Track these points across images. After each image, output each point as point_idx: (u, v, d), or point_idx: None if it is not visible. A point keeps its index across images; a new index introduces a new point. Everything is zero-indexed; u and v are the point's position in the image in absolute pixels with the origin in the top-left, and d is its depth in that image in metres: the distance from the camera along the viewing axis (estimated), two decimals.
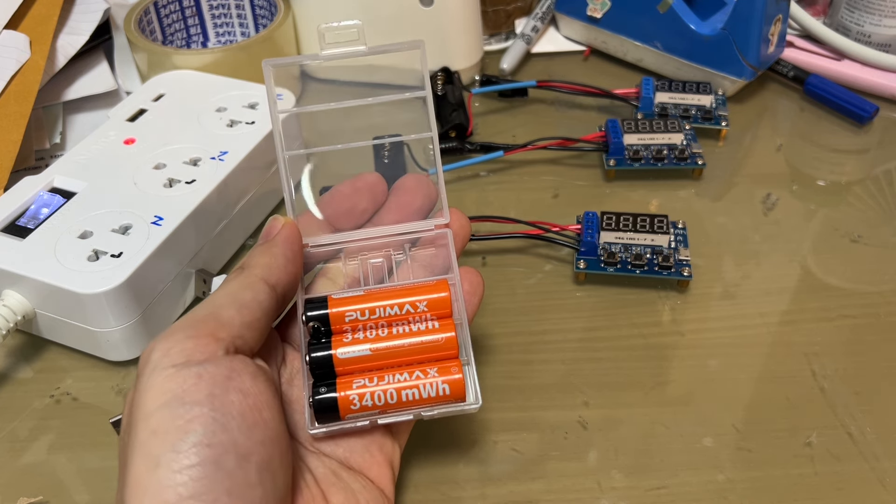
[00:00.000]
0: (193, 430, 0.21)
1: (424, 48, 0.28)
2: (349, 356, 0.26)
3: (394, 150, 0.42)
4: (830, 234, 0.39)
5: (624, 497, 0.29)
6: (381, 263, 0.29)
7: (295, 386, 0.27)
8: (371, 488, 0.26)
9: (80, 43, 0.47)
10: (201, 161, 0.36)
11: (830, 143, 0.45)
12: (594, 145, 0.43)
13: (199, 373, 0.22)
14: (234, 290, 0.25)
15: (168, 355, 0.22)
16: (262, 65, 0.28)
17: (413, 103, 0.29)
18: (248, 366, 0.23)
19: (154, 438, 0.21)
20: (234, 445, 0.21)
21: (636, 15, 0.49)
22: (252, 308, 0.24)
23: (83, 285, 0.30)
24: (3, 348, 0.34)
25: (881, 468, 0.29)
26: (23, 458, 0.30)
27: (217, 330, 0.23)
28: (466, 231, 0.30)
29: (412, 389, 0.26)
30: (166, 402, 0.21)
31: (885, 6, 0.49)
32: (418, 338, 0.26)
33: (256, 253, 0.26)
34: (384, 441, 0.27)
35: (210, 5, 0.51)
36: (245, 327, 0.24)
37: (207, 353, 0.22)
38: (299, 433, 0.26)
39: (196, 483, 0.20)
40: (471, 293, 0.29)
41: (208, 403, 0.21)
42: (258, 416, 0.22)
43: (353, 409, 0.25)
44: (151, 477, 0.20)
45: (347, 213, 0.30)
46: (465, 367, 0.26)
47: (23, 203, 0.34)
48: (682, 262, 0.36)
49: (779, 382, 0.32)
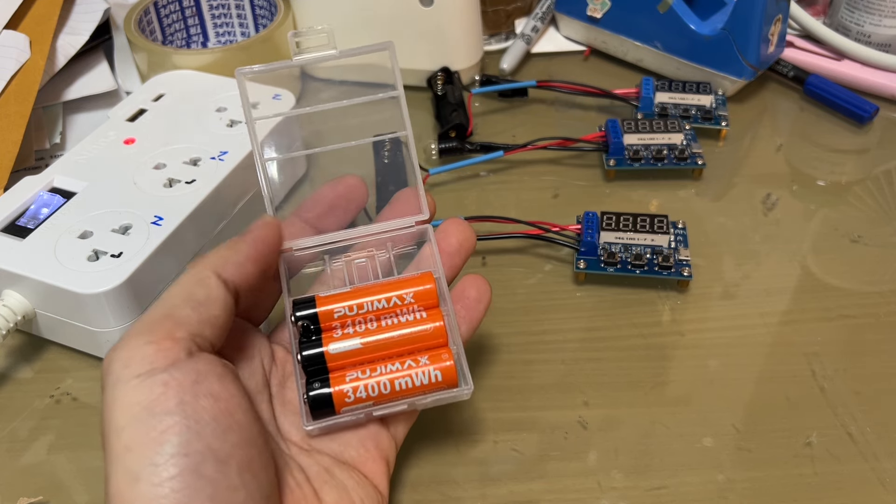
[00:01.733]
0: (168, 440, 0.20)
1: (394, 49, 0.29)
2: (341, 351, 0.26)
3: (393, 150, 0.42)
4: (830, 234, 0.39)
5: (624, 497, 0.29)
6: (365, 263, 0.30)
7: (288, 388, 0.27)
8: (364, 484, 0.25)
9: (80, 43, 0.47)
10: (201, 161, 0.36)
11: (830, 143, 0.45)
12: (594, 145, 0.43)
13: (165, 380, 0.21)
14: (187, 287, 0.24)
15: (129, 365, 0.21)
16: (236, 73, 0.28)
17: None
18: (214, 367, 0.22)
19: (130, 454, 0.20)
20: (211, 451, 0.21)
21: (636, 15, 0.49)
22: (208, 305, 0.24)
23: (83, 285, 0.30)
24: (3, 348, 0.34)
25: (881, 468, 0.29)
26: (23, 458, 0.30)
27: (174, 330, 0.22)
28: (471, 242, 0.30)
29: (405, 378, 0.26)
30: (136, 415, 0.21)
31: (885, 6, 0.49)
32: (407, 329, 0.27)
33: (222, 245, 0.26)
34: (380, 436, 0.27)
35: (210, 5, 0.51)
36: (204, 325, 0.23)
37: (170, 357, 0.22)
38: (293, 433, 0.26)
39: (178, 494, 0.20)
40: (477, 300, 0.29)
41: (180, 412, 0.21)
42: (231, 420, 0.22)
43: (348, 401, 0.26)
44: (133, 492, 0.20)
45: (329, 216, 0.30)
46: (455, 354, 0.27)
47: (23, 203, 0.34)
48: (682, 262, 0.36)
49: (779, 382, 0.32)
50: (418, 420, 0.29)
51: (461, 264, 0.30)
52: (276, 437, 0.26)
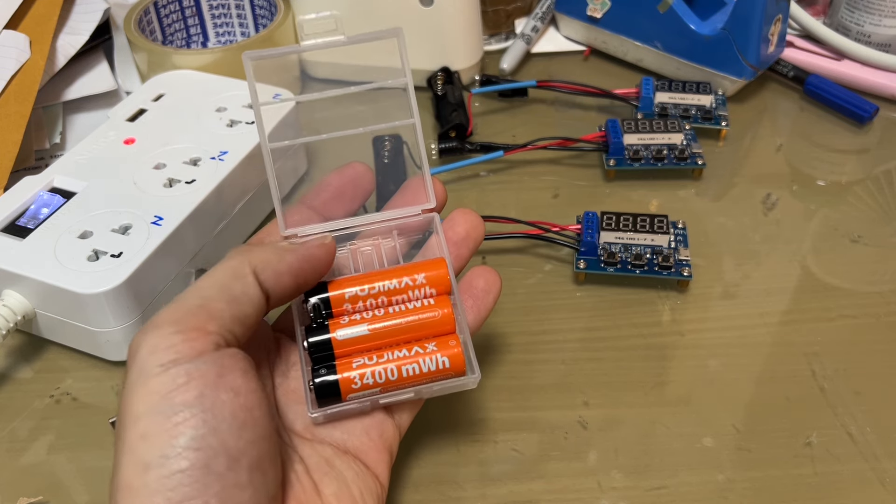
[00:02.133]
0: (182, 433, 0.20)
1: (403, 36, 0.28)
2: (348, 337, 0.26)
3: (393, 150, 0.42)
4: (830, 234, 0.39)
5: (624, 497, 0.29)
6: (370, 251, 0.29)
7: (291, 377, 0.27)
8: (365, 475, 0.25)
9: (80, 43, 0.47)
10: (201, 161, 0.36)
11: (830, 143, 0.45)
12: (594, 145, 0.43)
13: (188, 371, 0.21)
14: (224, 281, 0.23)
15: (155, 353, 0.21)
16: (243, 58, 0.27)
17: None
18: (239, 361, 0.22)
19: (143, 443, 0.20)
20: (224, 448, 0.21)
21: (636, 15, 0.49)
22: (243, 302, 0.23)
23: (83, 285, 0.30)
24: (3, 348, 0.34)
25: (881, 468, 0.29)
26: (23, 458, 0.30)
27: (206, 323, 0.22)
28: (479, 231, 0.30)
29: (412, 364, 0.26)
30: (154, 404, 0.21)
31: (885, 6, 0.49)
32: (415, 315, 0.27)
33: (268, 246, 0.25)
34: (385, 424, 0.27)
35: (210, 5, 0.51)
36: (235, 322, 0.23)
37: (197, 348, 0.21)
38: (296, 422, 0.26)
39: (185, 488, 0.20)
40: (485, 291, 0.28)
41: (198, 405, 0.21)
42: (248, 415, 0.21)
43: (354, 388, 0.25)
44: (140, 482, 0.20)
45: (336, 203, 0.30)
46: (462, 341, 0.27)
47: (23, 203, 0.34)
48: (682, 262, 0.36)
49: (779, 382, 0.32)
50: (419, 420, 0.29)
51: (468, 255, 0.29)
52: (280, 429, 0.26)
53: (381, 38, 0.28)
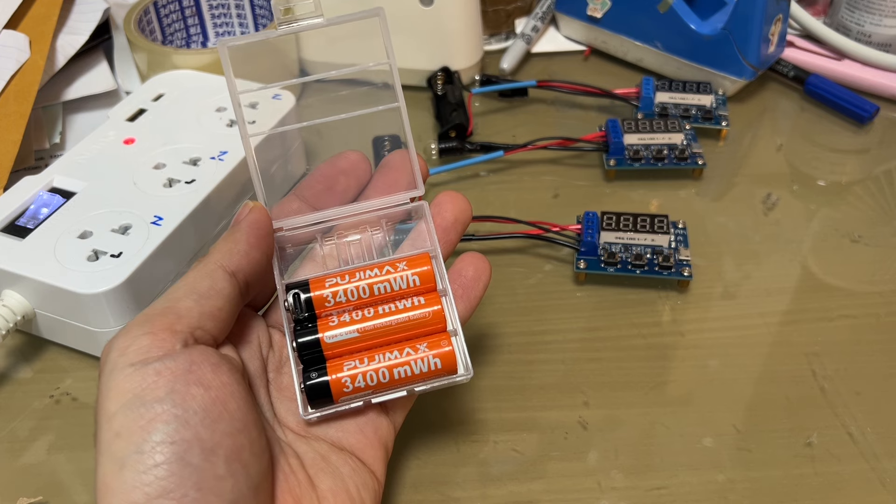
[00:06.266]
0: (156, 428, 0.21)
1: (384, 16, 0.27)
2: (337, 339, 0.26)
3: (393, 148, 0.42)
4: (830, 234, 0.39)
5: (624, 497, 0.29)
6: (358, 241, 0.29)
7: (284, 373, 0.27)
8: (361, 471, 0.25)
9: (80, 43, 0.47)
10: (201, 161, 0.36)
11: (830, 143, 0.45)
12: (594, 145, 0.43)
13: (158, 369, 0.21)
14: (191, 281, 0.24)
15: (125, 354, 0.22)
16: (218, 46, 0.27)
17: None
18: (208, 356, 0.22)
19: (118, 440, 0.21)
20: (198, 440, 0.21)
21: (636, 15, 0.49)
22: (211, 297, 0.24)
23: (83, 285, 0.30)
24: (3, 348, 0.34)
25: (881, 468, 0.29)
26: (22, 458, 0.30)
27: (174, 323, 0.23)
28: (467, 214, 0.30)
29: (404, 367, 0.26)
30: (127, 402, 0.21)
31: (885, 6, 0.48)
32: (405, 314, 0.26)
33: (220, 240, 0.26)
34: (379, 421, 0.27)
35: (210, 5, 0.51)
36: (205, 318, 0.23)
37: (165, 348, 0.22)
38: (289, 419, 0.26)
39: (163, 481, 0.20)
40: (475, 279, 0.28)
41: (169, 400, 0.21)
42: (222, 408, 0.22)
43: (346, 391, 0.25)
44: (117, 479, 0.20)
45: (328, 193, 0.29)
46: (454, 339, 0.26)
47: (22, 203, 0.34)
48: (682, 262, 0.36)
49: (779, 382, 0.32)
50: (419, 420, 0.29)
51: (457, 240, 0.29)
52: (273, 424, 0.26)
53: (362, 19, 0.27)
